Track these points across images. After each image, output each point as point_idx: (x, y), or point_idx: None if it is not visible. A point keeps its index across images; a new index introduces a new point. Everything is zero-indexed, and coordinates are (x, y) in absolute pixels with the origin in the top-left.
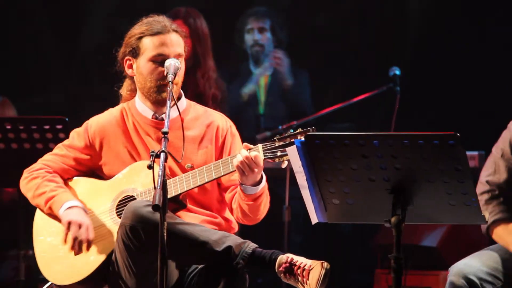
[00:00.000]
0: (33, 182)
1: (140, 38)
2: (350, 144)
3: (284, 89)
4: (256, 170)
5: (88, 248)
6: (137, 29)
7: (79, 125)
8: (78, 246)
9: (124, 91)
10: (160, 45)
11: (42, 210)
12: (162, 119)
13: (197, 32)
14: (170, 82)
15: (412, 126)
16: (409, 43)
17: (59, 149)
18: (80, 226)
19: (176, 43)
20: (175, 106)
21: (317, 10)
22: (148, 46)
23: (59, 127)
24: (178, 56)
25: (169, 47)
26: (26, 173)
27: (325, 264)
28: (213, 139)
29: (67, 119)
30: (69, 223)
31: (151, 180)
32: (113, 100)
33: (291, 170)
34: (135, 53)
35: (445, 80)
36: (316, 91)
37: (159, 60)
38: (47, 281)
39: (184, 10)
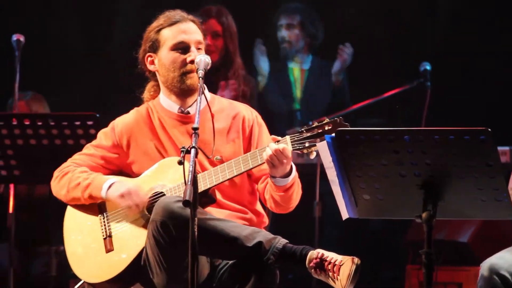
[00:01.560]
0: (65, 178)
1: (158, 31)
2: (380, 140)
3: (335, 84)
4: (285, 161)
5: (140, 212)
6: (154, 24)
7: (110, 120)
8: (135, 210)
9: (146, 95)
10: (179, 33)
11: (78, 203)
12: (188, 113)
13: (229, 30)
14: (200, 78)
15: (443, 122)
16: (439, 37)
17: (87, 149)
18: (130, 194)
19: (195, 30)
20: (203, 99)
21: (348, 4)
22: (168, 36)
23: (89, 123)
24: (198, 43)
25: (188, 34)
26: (56, 172)
27: (356, 259)
28: (240, 130)
29: (97, 115)
30: (118, 199)
31: (180, 176)
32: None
33: (322, 165)
34: (155, 46)
35: (476, 74)
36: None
37: (180, 47)
38: (79, 278)
39: (215, 8)
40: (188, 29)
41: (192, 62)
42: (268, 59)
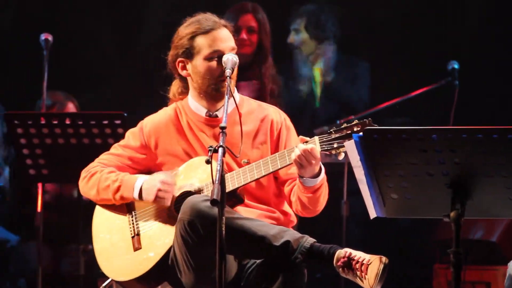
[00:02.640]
0: (94, 178)
1: (192, 37)
2: (408, 139)
3: (326, 85)
4: (313, 162)
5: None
6: (187, 29)
7: (138, 120)
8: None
9: (173, 94)
10: (214, 41)
11: (108, 204)
12: (216, 116)
13: (265, 27)
14: (228, 77)
15: (471, 120)
16: (468, 35)
17: (115, 149)
18: (162, 191)
19: (229, 37)
20: (231, 101)
21: (376, 2)
22: (203, 44)
23: (117, 122)
24: (232, 49)
25: (223, 42)
26: (84, 172)
27: (384, 258)
28: (267, 133)
29: (125, 114)
30: (155, 197)
31: (208, 175)
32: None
33: (349, 164)
34: (188, 53)
35: (504, 73)
36: (373, 85)
37: (215, 56)
38: (106, 277)
39: (251, 4)
40: (223, 37)
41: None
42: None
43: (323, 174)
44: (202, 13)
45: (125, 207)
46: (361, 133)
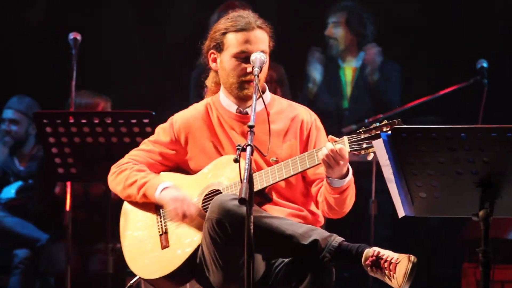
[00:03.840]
0: (122, 174)
1: (224, 33)
2: (437, 137)
3: (369, 84)
4: (341, 162)
5: (191, 220)
6: (222, 24)
7: (166, 118)
8: (185, 220)
9: (209, 82)
10: (244, 42)
11: (133, 201)
12: (247, 113)
13: None
14: (255, 76)
15: (500, 119)
16: (497, 34)
17: (145, 144)
18: (179, 202)
19: (260, 39)
20: (260, 100)
21: (406, 1)
22: (232, 42)
23: (145, 121)
24: (262, 52)
25: (253, 44)
26: (113, 168)
27: (412, 257)
28: (297, 132)
29: (153, 113)
30: (170, 201)
31: (236, 174)
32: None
33: (377, 163)
34: (219, 48)
35: None
36: (402, 84)
37: (242, 56)
38: (135, 275)
39: (238, 3)
40: (254, 39)
41: (252, 73)
42: (322, 66)
43: (350, 176)
44: (243, 9)
45: (153, 205)
46: (389, 132)
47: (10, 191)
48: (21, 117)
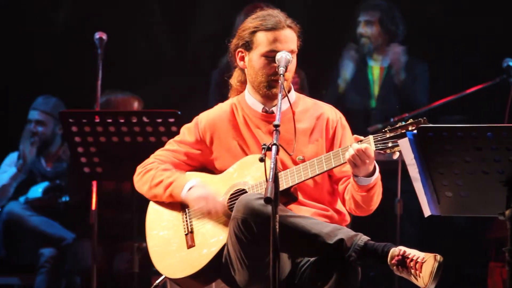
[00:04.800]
0: (148, 174)
1: (254, 32)
2: (463, 137)
3: (396, 84)
4: (367, 161)
5: (217, 217)
6: (251, 23)
7: (192, 117)
8: (213, 218)
9: (234, 81)
10: (273, 41)
11: (159, 200)
12: (272, 112)
13: None
14: (281, 75)
15: None
16: None
17: (170, 144)
18: (206, 200)
19: (290, 39)
20: (286, 99)
21: (432, 1)
22: (262, 41)
23: (171, 120)
24: (291, 52)
25: (283, 44)
26: (139, 168)
27: (438, 257)
28: (323, 131)
29: (179, 113)
30: (196, 200)
31: (262, 173)
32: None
33: (403, 162)
34: (248, 46)
35: None
36: (428, 82)
37: (271, 56)
38: (161, 274)
39: (264, 5)
40: (284, 38)
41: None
42: (354, 65)
43: (377, 173)
44: (272, 8)
45: (179, 205)
46: (415, 131)
47: (37, 191)
48: (47, 118)
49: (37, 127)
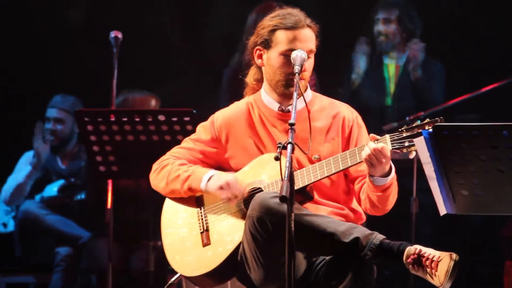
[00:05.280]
0: (165, 170)
1: (273, 30)
2: (479, 135)
3: (413, 81)
4: (383, 161)
5: (244, 199)
6: (270, 21)
7: (207, 116)
8: (240, 200)
9: (250, 79)
10: (293, 40)
11: (177, 196)
12: (288, 111)
13: None
14: (296, 74)
15: None
16: None
17: (186, 142)
18: (228, 186)
19: (309, 38)
20: (302, 98)
21: None
22: (281, 39)
23: (186, 119)
24: (310, 52)
25: (302, 43)
26: (155, 165)
27: (454, 255)
28: (339, 130)
29: (194, 111)
30: (219, 189)
31: (277, 172)
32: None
33: (419, 161)
34: (266, 44)
35: None
36: (444, 81)
37: (290, 54)
38: (176, 273)
39: (276, 4)
40: (304, 37)
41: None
42: (367, 58)
43: (393, 173)
44: (291, 8)
45: (194, 203)
46: (431, 130)
47: (52, 189)
48: (66, 116)
49: (56, 125)
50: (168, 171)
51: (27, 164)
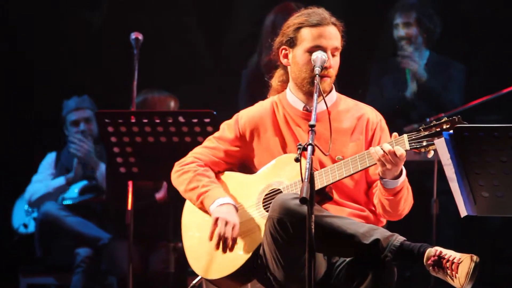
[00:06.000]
0: (185, 176)
1: (298, 28)
2: (499, 136)
3: (419, 86)
4: (398, 163)
5: (232, 246)
6: (295, 19)
7: (227, 118)
8: (222, 243)
9: (275, 81)
10: (318, 36)
11: (194, 204)
12: None
13: None
14: (317, 75)
15: None
16: None
17: (209, 141)
18: (226, 224)
19: (334, 36)
20: (326, 98)
21: None
22: (306, 37)
23: (207, 120)
24: (335, 49)
25: (327, 40)
26: (177, 166)
27: (475, 257)
28: (363, 131)
29: (215, 113)
30: (217, 220)
31: (297, 173)
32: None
33: (439, 162)
34: (292, 43)
35: None
36: (463, 82)
37: (316, 51)
38: (196, 275)
39: (294, 4)
40: (328, 34)
41: (325, 68)
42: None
43: (404, 176)
44: (316, 7)
45: None
46: (451, 131)
47: (73, 191)
48: (92, 114)
49: (88, 125)
50: (188, 178)
51: (51, 166)
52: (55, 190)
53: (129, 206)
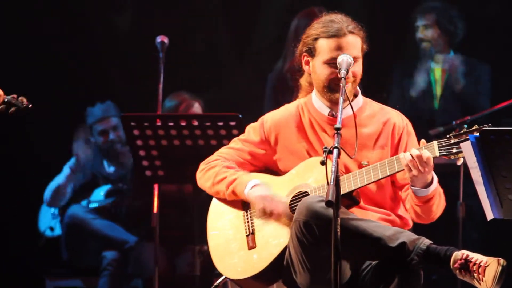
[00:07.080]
0: (212, 171)
1: (316, 39)
2: None
3: (456, 91)
4: (426, 169)
5: (278, 219)
6: (314, 29)
7: (252, 121)
8: (269, 217)
9: (303, 81)
10: (335, 48)
11: (221, 197)
12: None
13: None
14: (342, 78)
15: None
16: None
17: (234, 143)
18: (268, 200)
19: (352, 45)
20: (352, 102)
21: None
22: (323, 48)
23: (232, 123)
24: (354, 58)
25: (344, 51)
26: (203, 165)
27: (502, 260)
28: (389, 136)
29: (240, 116)
30: (258, 199)
31: (324, 176)
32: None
33: (466, 165)
34: (311, 53)
35: None
36: (490, 84)
37: (333, 63)
38: (221, 275)
39: (318, 9)
40: (345, 45)
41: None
42: (427, 77)
43: (435, 184)
44: (335, 13)
45: (240, 205)
46: (477, 134)
47: (99, 194)
48: (119, 121)
49: (115, 133)
50: (215, 172)
51: (68, 167)
52: (65, 181)
53: (155, 209)
